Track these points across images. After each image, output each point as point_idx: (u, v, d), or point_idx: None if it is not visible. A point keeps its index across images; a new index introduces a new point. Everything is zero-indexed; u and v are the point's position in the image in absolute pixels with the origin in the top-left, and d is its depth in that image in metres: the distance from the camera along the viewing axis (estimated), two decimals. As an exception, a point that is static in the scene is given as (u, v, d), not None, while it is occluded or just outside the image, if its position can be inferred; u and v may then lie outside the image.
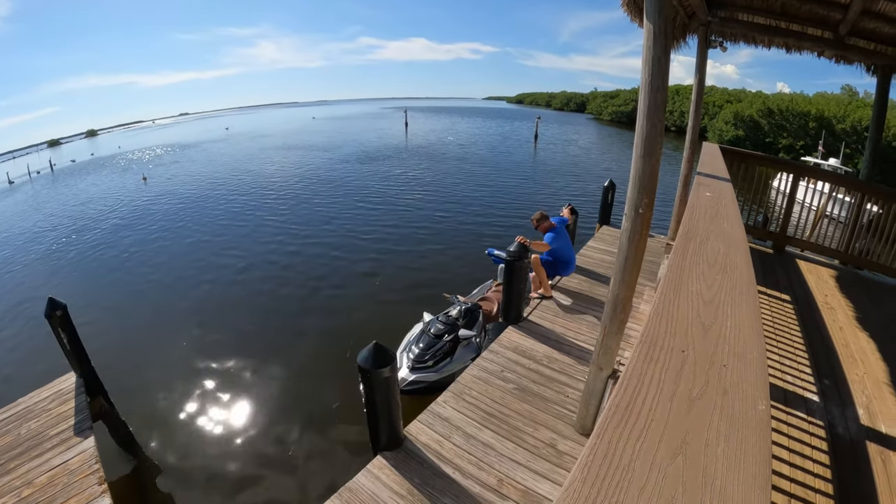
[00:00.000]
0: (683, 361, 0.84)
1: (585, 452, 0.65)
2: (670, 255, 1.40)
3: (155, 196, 21.11)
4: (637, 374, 0.80)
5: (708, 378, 0.80)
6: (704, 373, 0.82)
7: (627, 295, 3.01)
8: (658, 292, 1.11)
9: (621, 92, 76.35)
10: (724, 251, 1.43)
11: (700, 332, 0.93)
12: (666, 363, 0.83)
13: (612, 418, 0.71)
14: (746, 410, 0.74)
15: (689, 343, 0.89)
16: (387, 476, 3.42)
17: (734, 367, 0.83)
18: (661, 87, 2.64)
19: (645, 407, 0.73)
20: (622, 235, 2.90)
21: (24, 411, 4.66)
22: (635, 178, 2.74)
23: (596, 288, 6.39)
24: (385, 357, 3.37)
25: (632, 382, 0.78)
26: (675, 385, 0.78)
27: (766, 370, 0.85)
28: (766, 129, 39.91)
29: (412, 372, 5.55)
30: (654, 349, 0.87)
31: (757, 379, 0.80)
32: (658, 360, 0.84)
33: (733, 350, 0.88)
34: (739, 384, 0.79)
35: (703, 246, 1.47)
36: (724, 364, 0.84)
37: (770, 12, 5.28)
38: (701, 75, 5.86)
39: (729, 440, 0.68)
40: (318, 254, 11.79)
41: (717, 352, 0.88)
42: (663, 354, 0.86)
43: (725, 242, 1.53)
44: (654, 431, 0.69)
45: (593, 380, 3.46)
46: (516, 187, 19.61)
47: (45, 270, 12.36)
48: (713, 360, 0.85)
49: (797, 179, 6.11)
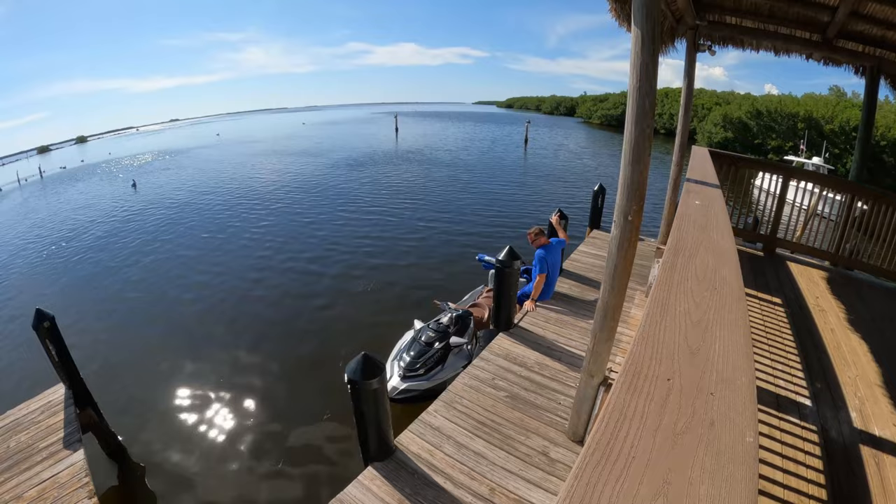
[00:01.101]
0: (669, 391, 0.80)
1: (562, 496, 0.62)
2: (658, 272, 1.36)
3: (145, 203, 20.93)
4: (619, 408, 0.76)
5: (694, 408, 0.77)
6: (691, 403, 0.78)
7: (617, 302, 2.99)
8: (645, 313, 1.07)
9: (610, 95, 76.84)
10: (714, 265, 1.39)
11: (687, 357, 0.90)
12: (650, 393, 0.80)
13: (592, 457, 0.67)
14: (734, 444, 0.70)
15: (676, 370, 0.85)
16: (378, 487, 3.38)
17: (722, 394, 0.80)
18: (648, 93, 2.62)
19: (627, 443, 0.69)
20: (611, 243, 2.88)
21: (13, 423, 4.61)
22: (624, 185, 2.72)
23: (587, 293, 6.37)
24: (374, 368, 3.33)
25: (613, 416, 0.74)
26: (659, 418, 0.74)
27: (755, 395, 0.82)
28: (755, 130, 40.23)
29: (403, 380, 5.50)
30: (639, 378, 0.83)
31: (745, 407, 0.77)
32: (642, 390, 0.80)
33: (721, 375, 0.85)
34: (727, 414, 0.76)
35: (692, 260, 1.44)
36: (711, 392, 0.80)
37: (758, 15, 5.30)
38: (690, 79, 5.87)
39: (714, 478, 0.65)
40: (309, 259, 11.73)
41: (704, 378, 0.84)
42: (648, 384, 0.82)
43: (715, 255, 1.50)
44: (636, 471, 0.65)
45: (584, 387, 3.43)
46: (507, 193, 19.56)
47: (34, 280, 12.20)
48: (700, 388, 0.81)
49: (787, 182, 6.12)
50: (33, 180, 40.18)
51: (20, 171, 45.66)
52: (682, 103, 5.97)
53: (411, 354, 5.72)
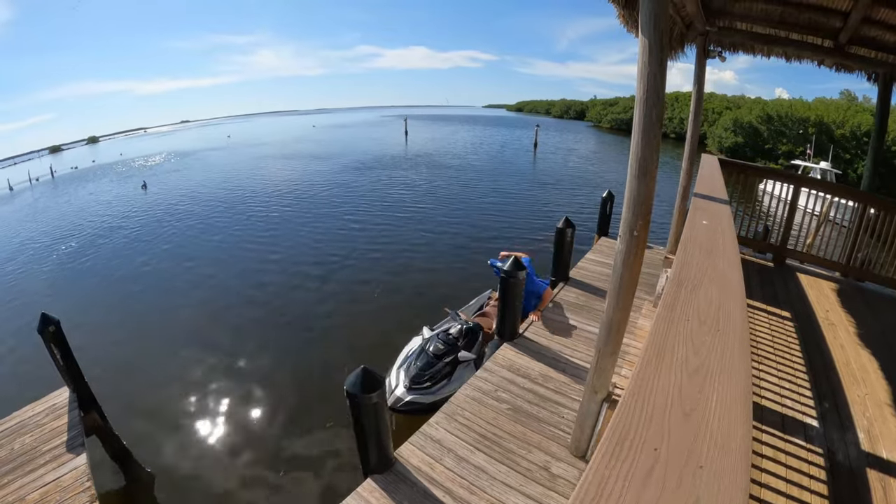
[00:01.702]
0: (655, 462, 0.74)
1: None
2: (658, 309, 1.29)
3: (153, 204, 21.13)
4: (597, 481, 0.70)
5: (681, 480, 0.71)
6: (677, 475, 0.72)
7: (622, 317, 2.92)
8: (640, 360, 1.01)
9: (620, 99, 76.43)
10: (718, 301, 1.32)
11: (679, 418, 0.83)
12: (633, 463, 0.73)
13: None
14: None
15: (664, 435, 0.79)
16: (376, 500, 3.34)
17: (712, 465, 0.73)
18: (656, 104, 2.56)
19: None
20: (616, 258, 2.81)
21: (18, 426, 4.64)
22: (630, 198, 2.66)
23: (593, 302, 6.28)
24: (373, 382, 3.28)
25: (589, 493, 0.68)
26: (638, 495, 0.69)
27: (750, 457, 0.76)
28: (766, 135, 39.83)
29: (409, 392, 5.44)
30: (623, 446, 0.76)
31: (737, 474, 0.71)
32: (626, 459, 0.74)
33: (715, 438, 0.79)
34: (717, 488, 0.70)
35: (695, 294, 1.36)
36: (700, 465, 0.74)
37: (769, 21, 5.21)
38: (700, 85, 5.78)
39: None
40: (315, 263, 11.75)
41: (695, 445, 0.78)
42: (632, 453, 0.75)
43: (720, 288, 1.42)
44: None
45: (587, 402, 3.37)
46: (515, 198, 19.45)
47: (41, 281, 12.30)
48: (689, 457, 0.75)
49: (798, 191, 6.01)
50: (45, 180, 40.65)
51: (31, 170, 46.18)
52: (692, 109, 5.88)
53: (418, 366, 5.65)
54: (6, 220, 22.13)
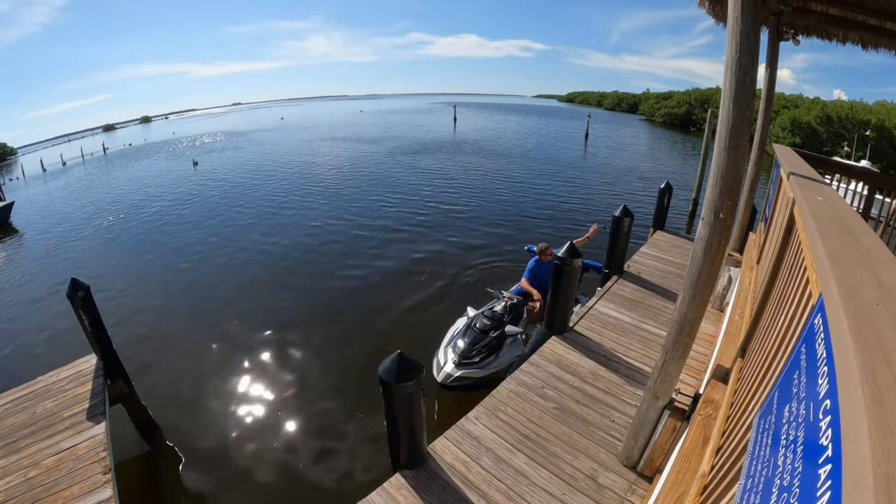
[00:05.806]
0: None
1: None
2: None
3: (203, 181, 21.74)
4: None
5: None
6: None
7: (697, 315, 2.54)
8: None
9: (675, 94, 73.62)
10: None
11: None
12: None
13: None
14: None
15: None
16: (404, 498, 3.08)
17: None
18: (750, 67, 2.22)
19: None
20: (696, 245, 2.43)
21: (42, 390, 4.63)
22: (717, 175, 2.28)
23: (649, 298, 5.85)
24: (410, 370, 2.96)
25: None
26: None
27: None
28: (825, 136, 37.77)
29: (458, 367, 5.27)
30: None
31: None
32: None
33: None
34: None
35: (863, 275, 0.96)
36: None
37: (845, 3, 4.65)
38: (772, 70, 5.26)
39: None
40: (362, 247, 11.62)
41: None
42: None
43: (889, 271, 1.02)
44: None
45: (647, 408, 3.00)
46: (563, 188, 18.78)
47: (90, 250, 12.72)
48: None
49: (873, 192, 5.38)
50: (98, 155, 42.31)
51: (84, 147, 48.18)
52: (763, 97, 5.39)
53: (466, 341, 5.49)
54: (56, 193, 22.99)
